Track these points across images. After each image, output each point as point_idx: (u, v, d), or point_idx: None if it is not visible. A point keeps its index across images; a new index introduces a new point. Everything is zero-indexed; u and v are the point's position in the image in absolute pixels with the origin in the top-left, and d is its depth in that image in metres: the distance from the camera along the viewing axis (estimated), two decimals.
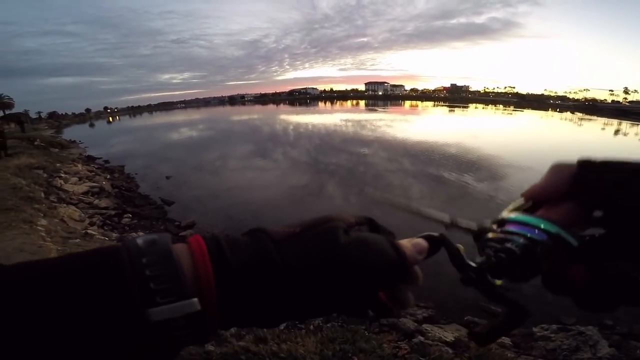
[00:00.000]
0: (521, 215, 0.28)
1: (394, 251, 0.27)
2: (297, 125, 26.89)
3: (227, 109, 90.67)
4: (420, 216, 0.42)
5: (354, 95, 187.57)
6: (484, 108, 65.46)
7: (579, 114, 50.90)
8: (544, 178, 0.29)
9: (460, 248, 0.29)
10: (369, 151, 13.29)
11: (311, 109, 65.88)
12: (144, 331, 0.19)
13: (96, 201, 7.34)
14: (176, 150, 16.42)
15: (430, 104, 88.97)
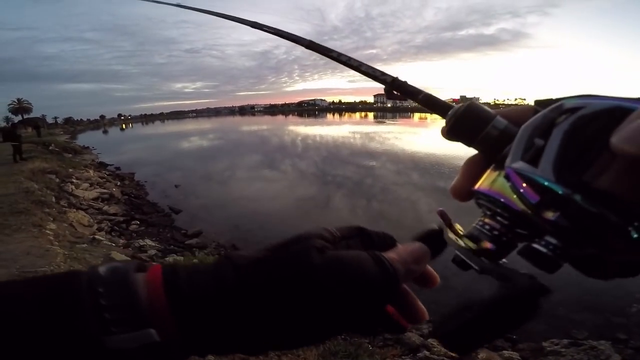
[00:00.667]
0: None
1: (378, 269, 0.24)
2: (305, 137, 27.07)
3: (237, 119, 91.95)
4: (359, 72, 0.39)
5: (362, 107, 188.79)
6: None
7: None
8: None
9: (458, 229, 0.27)
10: (377, 164, 13.25)
11: (319, 120, 66.38)
12: (97, 358, 0.18)
13: (105, 207, 7.44)
14: (186, 159, 16.64)
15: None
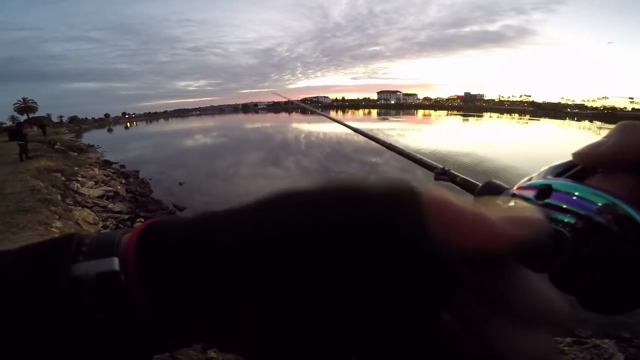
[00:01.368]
0: (578, 184, 0.20)
1: (413, 198, 0.15)
2: (309, 134, 27.03)
3: (241, 117, 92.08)
4: (408, 159, 0.38)
5: (366, 104, 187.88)
6: (498, 117, 64.54)
7: (598, 123, 49.58)
8: (613, 137, 0.20)
9: None
10: (380, 160, 13.21)
11: (323, 118, 66.13)
12: (54, 286, 0.17)
13: (110, 205, 7.48)
14: (190, 157, 16.71)
15: (444, 112, 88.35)
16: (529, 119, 56.77)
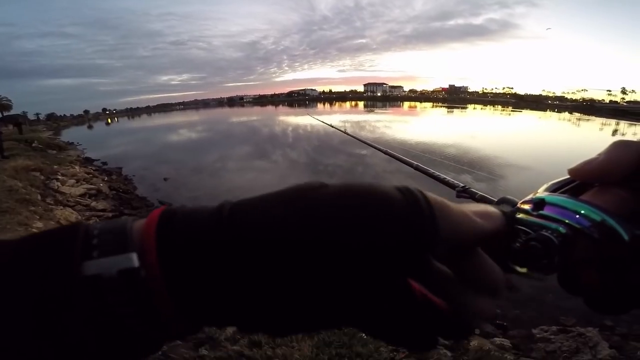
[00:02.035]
0: (566, 198, 0.23)
1: (405, 201, 0.18)
2: (296, 127, 26.89)
3: (226, 110, 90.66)
4: (432, 178, 0.42)
5: (352, 96, 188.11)
6: (482, 109, 65.63)
7: (577, 114, 51.10)
8: (604, 154, 0.23)
9: None
10: (367, 152, 13.28)
11: (310, 110, 65.93)
12: (70, 285, 0.16)
13: (93, 203, 7.29)
14: (174, 152, 16.39)
15: (429, 104, 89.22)
16: (512, 111, 57.96)
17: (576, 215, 0.21)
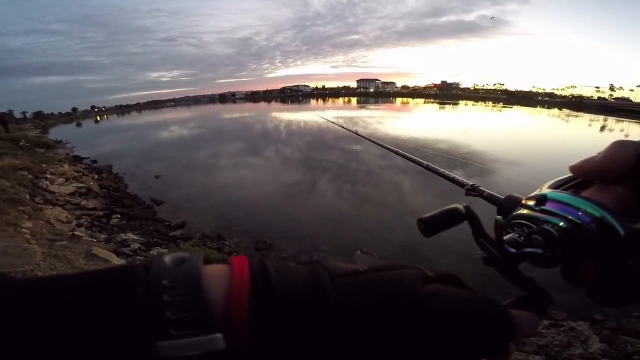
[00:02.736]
0: (566, 194, 0.24)
1: (498, 317, 0.21)
2: (289, 123, 26.77)
3: (218, 107, 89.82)
4: (441, 177, 0.44)
5: (345, 92, 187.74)
6: (473, 105, 66.09)
7: (566, 111, 51.70)
8: (603, 153, 0.24)
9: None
10: (360, 148, 13.30)
11: (303, 106, 65.66)
12: None
13: (83, 202, 7.18)
14: (165, 149, 16.18)
15: (421, 100, 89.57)
16: (503, 107, 58.50)
17: (578, 211, 0.23)
